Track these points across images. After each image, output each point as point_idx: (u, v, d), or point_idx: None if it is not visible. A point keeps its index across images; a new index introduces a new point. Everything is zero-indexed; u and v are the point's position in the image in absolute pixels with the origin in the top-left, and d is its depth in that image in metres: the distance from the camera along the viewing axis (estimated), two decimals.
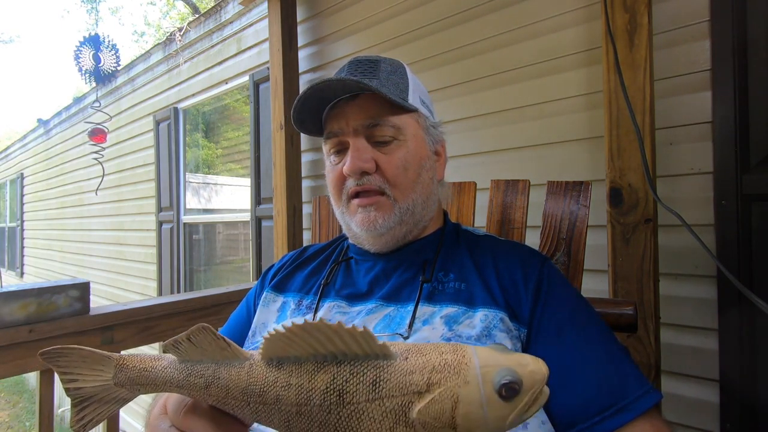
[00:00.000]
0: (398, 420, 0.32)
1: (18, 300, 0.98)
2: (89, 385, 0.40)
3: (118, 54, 2.99)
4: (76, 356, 0.39)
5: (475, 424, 0.31)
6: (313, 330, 0.33)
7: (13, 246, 8.12)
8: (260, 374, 0.35)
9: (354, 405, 0.32)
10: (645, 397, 0.55)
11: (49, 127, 6.29)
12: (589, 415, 0.54)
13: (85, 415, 0.39)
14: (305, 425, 0.34)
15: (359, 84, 0.66)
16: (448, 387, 0.31)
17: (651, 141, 1.07)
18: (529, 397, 0.31)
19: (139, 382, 0.39)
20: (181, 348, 0.38)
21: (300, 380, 0.34)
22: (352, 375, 0.33)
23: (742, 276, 1.10)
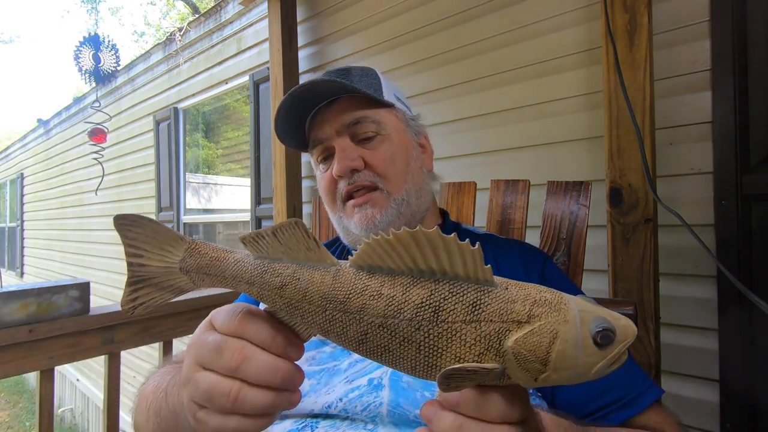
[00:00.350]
0: (490, 347, 0.30)
1: (18, 300, 0.98)
2: (153, 264, 0.38)
3: (118, 54, 2.99)
4: (150, 230, 0.37)
5: (567, 364, 0.30)
6: (420, 240, 0.31)
7: (13, 246, 8.12)
8: (348, 280, 0.33)
9: (448, 324, 0.31)
10: (649, 392, 0.56)
11: (49, 127, 6.29)
12: (595, 409, 0.55)
13: (137, 296, 0.38)
14: (383, 340, 0.32)
15: (333, 83, 0.67)
16: (548, 321, 0.30)
17: (651, 141, 1.07)
18: (619, 349, 0.31)
19: (206, 270, 0.37)
20: (262, 243, 0.36)
21: (393, 291, 0.32)
22: (452, 294, 0.31)
23: (742, 276, 1.10)
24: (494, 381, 0.31)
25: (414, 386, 0.53)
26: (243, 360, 0.34)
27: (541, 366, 0.30)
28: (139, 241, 0.38)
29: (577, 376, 0.31)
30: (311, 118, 0.74)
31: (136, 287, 0.38)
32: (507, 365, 0.31)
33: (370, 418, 0.52)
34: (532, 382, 0.31)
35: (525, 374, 0.31)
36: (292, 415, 0.54)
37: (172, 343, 1.27)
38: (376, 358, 0.34)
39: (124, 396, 3.45)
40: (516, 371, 0.31)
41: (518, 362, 0.30)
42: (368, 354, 0.34)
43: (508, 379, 0.31)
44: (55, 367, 1.04)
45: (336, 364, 0.59)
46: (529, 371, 0.30)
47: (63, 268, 5.76)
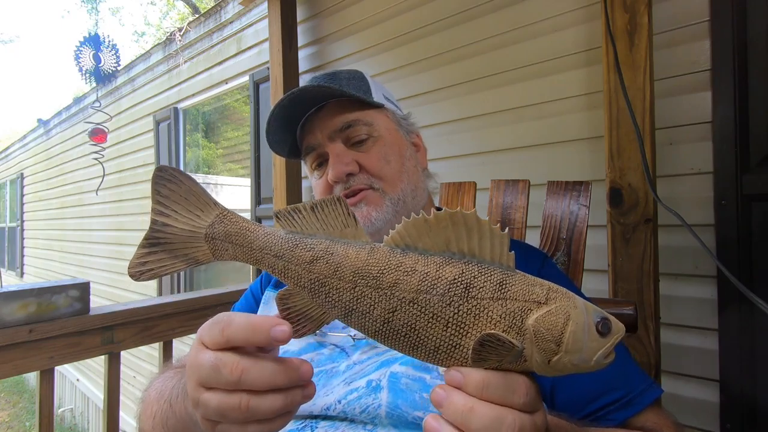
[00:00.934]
0: (513, 324, 0.32)
1: (18, 300, 0.98)
2: (178, 226, 0.37)
3: (118, 54, 2.99)
4: (185, 189, 0.37)
5: (576, 347, 0.32)
6: (458, 220, 0.33)
7: (13, 246, 8.13)
8: (383, 257, 0.34)
9: (477, 300, 0.33)
10: (648, 391, 0.57)
11: (49, 127, 6.29)
12: (595, 409, 0.55)
13: (148, 261, 0.37)
14: (411, 318, 0.33)
15: (320, 88, 0.67)
16: (563, 304, 0.33)
17: (651, 141, 1.07)
18: (614, 341, 0.33)
19: (234, 239, 0.36)
20: (297, 217, 0.36)
21: (426, 268, 0.33)
22: (481, 273, 0.33)
23: (742, 276, 1.10)
24: (511, 362, 0.33)
25: (412, 388, 0.53)
26: (241, 372, 0.34)
27: (556, 346, 0.32)
28: (171, 200, 0.37)
29: (581, 362, 0.33)
30: (302, 125, 0.74)
31: (150, 250, 0.37)
32: (525, 345, 0.32)
33: (369, 419, 0.52)
34: (545, 366, 0.32)
35: (540, 355, 0.32)
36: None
37: (172, 343, 1.27)
38: (397, 340, 0.34)
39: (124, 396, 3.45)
40: (533, 351, 0.32)
41: (537, 340, 0.32)
42: (390, 335, 0.34)
43: (524, 362, 0.33)
44: (55, 367, 1.04)
45: (334, 366, 0.59)
46: (544, 351, 0.32)
47: (63, 268, 5.76)
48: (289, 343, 0.63)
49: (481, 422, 0.31)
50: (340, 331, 0.64)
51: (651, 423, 0.54)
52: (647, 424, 0.54)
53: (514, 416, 0.32)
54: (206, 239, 0.37)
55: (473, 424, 0.31)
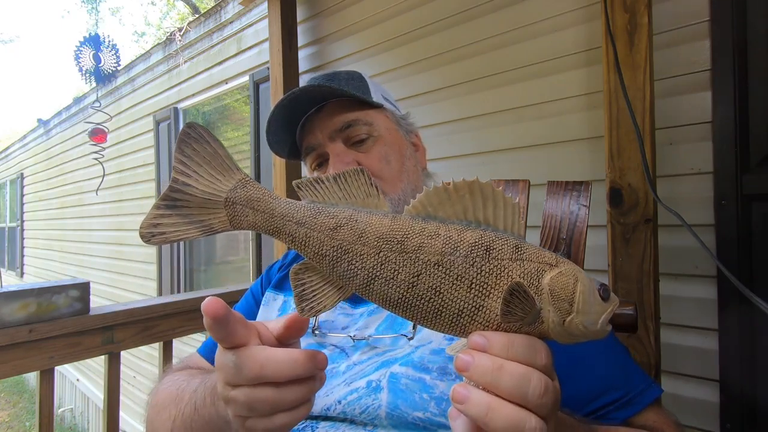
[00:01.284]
0: (531, 283, 0.34)
1: (18, 300, 0.98)
2: (198, 187, 0.36)
3: (118, 54, 2.99)
4: (210, 150, 0.36)
5: (586, 307, 0.34)
6: (475, 189, 0.35)
7: (13, 246, 8.13)
8: (406, 223, 0.35)
9: (498, 261, 0.34)
10: (649, 391, 0.57)
11: (49, 127, 6.29)
12: (595, 407, 0.55)
13: (161, 223, 0.35)
14: (436, 280, 0.34)
15: (320, 88, 0.67)
16: (571, 267, 0.35)
17: (651, 141, 1.07)
18: (612, 307, 0.35)
19: (255, 204, 0.36)
20: (320, 187, 0.36)
21: (449, 233, 0.34)
22: (498, 238, 0.35)
23: (742, 276, 1.10)
24: (530, 324, 0.34)
25: (412, 388, 0.53)
26: (261, 367, 0.36)
27: (569, 306, 0.33)
28: (195, 160, 0.36)
29: (590, 325, 0.34)
30: (301, 126, 0.74)
31: (165, 211, 0.36)
32: (542, 305, 0.34)
33: (369, 420, 0.52)
34: (560, 327, 0.34)
35: (556, 314, 0.33)
36: None
37: (172, 343, 1.27)
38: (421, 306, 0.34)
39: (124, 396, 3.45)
40: (549, 310, 0.34)
41: (552, 299, 0.33)
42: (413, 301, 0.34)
43: (541, 323, 0.34)
44: (55, 367, 1.04)
45: (334, 367, 0.59)
46: (560, 311, 0.33)
47: (63, 268, 5.76)
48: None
49: (511, 380, 0.31)
50: (340, 332, 0.64)
51: (651, 422, 0.55)
52: (648, 423, 0.54)
53: (540, 375, 0.32)
54: (226, 204, 0.36)
55: (503, 383, 0.31)
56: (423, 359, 0.55)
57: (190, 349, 2.85)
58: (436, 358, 0.55)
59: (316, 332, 0.64)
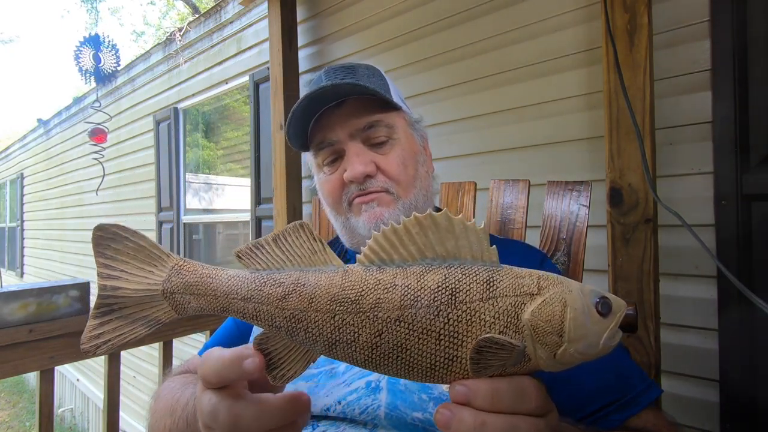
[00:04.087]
0: (509, 323, 0.30)
1: (18, 300, 0.98)
2: (130, 287, 0.33)
3: (118, 54, 2.99)
4: (132, 246, 0.34)
5: (579, 333, 0.30)
6: (426, 224, 0.31)
7: (13, 246, 8.13)
8: (359, 278, 0.32)
9: (466, 305, 0.30)
10: (648, 392, 0.56)
11: (49, 127, 6.29)
12: (593, 409, 0.55)
13: (103, 332, 0.33)
14: (401, 337, 0.31)
15: (356, 86, 0.66)
16: (557, 291, 0.31)
17: (651, 141, 1.07)
18: (618, 318, 0.32)
19: (195, 290, 0.33)
20: (261, 252, 0.33)
21: (407, 281, 0.31)
22: (465, 275, 0.31)
23: (742, 276, 1.10)
24: (515, 364, 0.31)
25: (411, 389, 0.53)
26: (235, 418, 0.33)
27: (558, 338, 0.30)
28: (118, 260, 0.34)
29: (589, 348, 0.31)
30: (317, 118, 0.72)
31: (103, 320, 0.33)
32: (526, 342, 0.30)
33: (369, 420, 0.52)
34: (551, 360, 0.30)
35: (544, 350, 0.30)
36: None
37: (172, 343, 1.27)
38: (390, 364, 0.32)
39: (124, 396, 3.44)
40: (535, 347, 0.30)
41: (537, 335, 0.30)
42: (381, 361, 0.32)
43: (528, 361, 0.31)
44: (55, 367, 1.04)
45: (334, 367, 0.59)
46: (547, 345, 0.30)
47: (63, 268, 5.76)
48: None
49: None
50: None
51: (650, 424, 0.54)
52: (647, 426, 0.54)
53: (528, 423, 0.30)
54: (164, 295, 0.33)
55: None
56: None
57: (190, 349, 2.85)
58: None
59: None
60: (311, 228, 0.33)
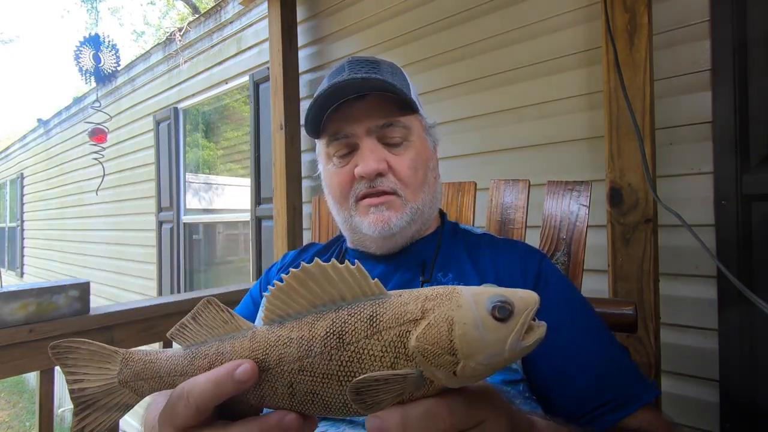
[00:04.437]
0: (398, 354, 0.31)
1: (18, 300, 0.98)
2: (94, 386, 0.38)
3: (118, 54, 2.99)
4: (85, 351, 0.38)
5: (475, 346, 0.30)
6: (308, 277, 0.33)
7: (13, 246, 8.13)
8: (262, 338, 0.34)
9: (354, 344, 0.32)
10: (644, 393, 0.56)
11: (49, 127, 6.29)
12: (589, 409, 0.55)
13: (86, 424, 0.38)
14: (308, 385, 0.33)
15: (384, 83, 0.65)
16: (441, 311, 0.31)
17: (651, 141, 1.07)
18: (523, 319, 0.31)
19: (143, 375, 0.38)
20: (186, 331, 0.37)
21: (300, 333, 0.33)
22: (350, 315, 0.33)
23: (742, 276, 1.10)
24: (418, 388, 0.31)
25: None
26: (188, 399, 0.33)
27: (451, 356, 0.30)
28: (78, 366, 0.38)
29: (494, 357, 0.30)
30: (336, 108, 0.70)
31: (82, 415, 0.38)
32: (421, 367, 0.31)
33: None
34: (454, 378, 0.30)
35: (441, 371, 0.30)
36: None
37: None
38: (313, 408, 0.33)
39: None
40: (431, 370, 0.31)
41: (428, 359, 0.30)
42: (304, 407, 0.33)
43: (431, 383, 0.31)
44: (55, 367, 1.04)
45: None
46: (443, 366, 0.30)
47: (63, 268, 5.76)
48: None
49: None
50: None
51: (646, 424, 0.54)
52: (642, 426, 0.54)
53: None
54: (122, 386, 0.38)
55: None
56: None
57: None
58: None
59: None
60: (217, 302, 0.37)
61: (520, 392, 0.57)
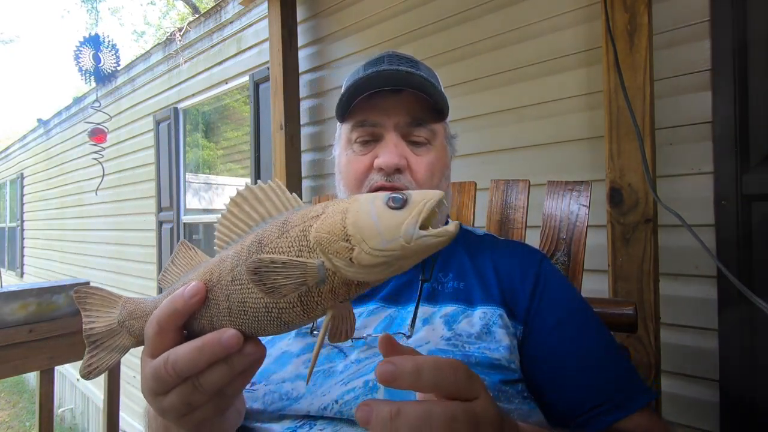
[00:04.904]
0: (301, 246, 0.34)
1: (18, 300, 0.98)
2: (99, 325, 0.44)
3: (118, 54, 2.99)
4: (99, 297, 0.45)
5: (367, 232, 0.32)
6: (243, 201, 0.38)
7: (13, 246, 8.13)
8: (211, 262, 0.39)
9: (268, 246, 0.35)
10: (640, 395, 0.56)
11: (49, 127, 6.29)
12: (585, 409, 0.55)
13: (92, 362, 0.43)
14: (239, 294, 0.35)
15: (425, 83, 0.65)
16: (338, 205, 0.34)
17: (651, 141, 1.07)
18: (420, 207, 0.32)
19: (135, 314, 0.42)
20: (167, 274, 0.43)
21: (236, 248, 0.37)
22: (270, 224, 0.36)
23: (742, 276, 1.10)
24: (323, 280, 0.33)
25: None
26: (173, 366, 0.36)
27: (345, 242, 0.32)
28: (92, 309, 0.45)
29: (389, 243, 0.31)
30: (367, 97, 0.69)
31: (91, 352, 0.44)
32: (322, 258, 0.33)
33: None
34: (353, 266, 0.32)
35: (338, 258, 0.32)
36: (289, 414, 0.54)
37: None
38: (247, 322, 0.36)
39: (124, 396, 3.44)
40: (329, 258, 0.33)
41: (324, 247, 0.33)
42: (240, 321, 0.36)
43: (333, 274, 0.33)
44: (55, 367, 1.04)
45: (331, 366, 0.59)
46: (339, 253, 0.32)
47: (63, 268, 5.76)
48: (288, 344, 0.63)
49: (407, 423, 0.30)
50: None
51: (642, 428, 0.54)
52: (638, 429, 0.54)
53: (442, 408, 0.31)
54: (120, 326, 0.43)
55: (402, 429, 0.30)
56: None
57: None
58: None
59: (314, 332, 0.64)
60: (186, 242, 0.43)
61: (518, 392, 0.57)
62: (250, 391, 0.57)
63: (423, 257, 0.33)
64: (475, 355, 0.56)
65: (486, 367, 0.55)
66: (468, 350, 0.56)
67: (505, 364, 0.56)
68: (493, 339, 0.58)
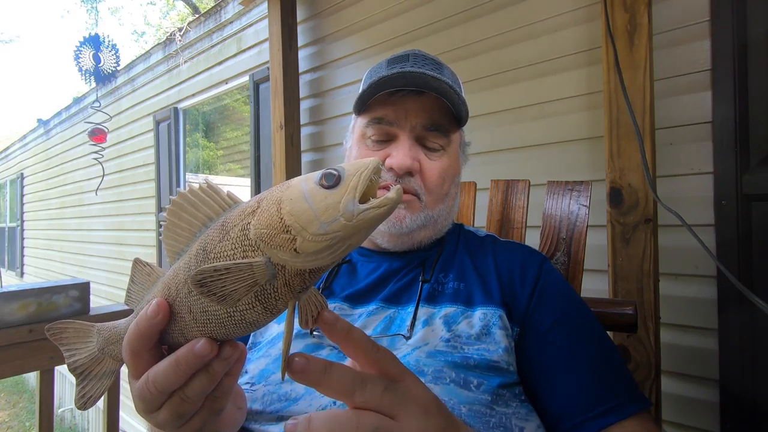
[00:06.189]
0: (245, 246, 0.32)
1: (18, 300, 0.98)
2: (82, 356, 0.43)
3: (118, 54, 2.99)
4: (72, 330, 0.44)
5: (304, 218, 0.30)
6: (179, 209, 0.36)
7: (13, 246, 8.13)
8: (166, 276, 0.38)
9: (213, 252, 0.33)
10: (631, 403, 0.55)
11: (49, 127, 6.29)
12: (576, 413, 0.54)
13: (86, 392, 0.43)
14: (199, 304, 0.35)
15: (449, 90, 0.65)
16: (271, 196, 0.33)
17: (651, 141, 1.07)
18: (355, 180, 0.30)
19: (111, 340, 0.42)
20: (131, 294, 0.42)
21: (185, 258, 0.36)
22: (210, 228, 0.35)
23: (742, 276, 1.10)
24: (274, 276, 0.32)
25: None
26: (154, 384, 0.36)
27: (286, 234, 0.31)
28: (70, 343, 0.44)
29: (330, 224, 0.30)
30: (389, 94, 0.68)
31: (82, 384, 0.43)
32: (267, 253, 0.32)
33: None
34: (299, 257, 0.31)
35: (283, 251, 0.31)
36: (288, 415, 0.54)
37: None
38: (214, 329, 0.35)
39: (124, 396, 3.45)
40: (274, 253, 0.31)
41: (266, 242, 0.31)
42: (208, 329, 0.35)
43: (283, 268, 0.32)
44: (55, 367, 1.04)
45: None
46: (282, 246, 0.31)
47: (63, 268, 5.76)
48: None
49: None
50: None
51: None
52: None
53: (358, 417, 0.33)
54: (101, 353, 0.43)
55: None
56: (419, 362, 0.55)
57: None
58: (431, 362, 0.55)
59: (314, 333, 0.64)
60: (139, 259, 0.42)
61: (516, 395, 0.57)
62: (250, 392, 0.57)
63: (371, 231, 0.32)
64: (474, 357, 0.56)
65: (485, 369, 0.55)
66: (467, 352, 0.56)
67: (504, 366, 0.56)
68: (492, 340, 0.58)
